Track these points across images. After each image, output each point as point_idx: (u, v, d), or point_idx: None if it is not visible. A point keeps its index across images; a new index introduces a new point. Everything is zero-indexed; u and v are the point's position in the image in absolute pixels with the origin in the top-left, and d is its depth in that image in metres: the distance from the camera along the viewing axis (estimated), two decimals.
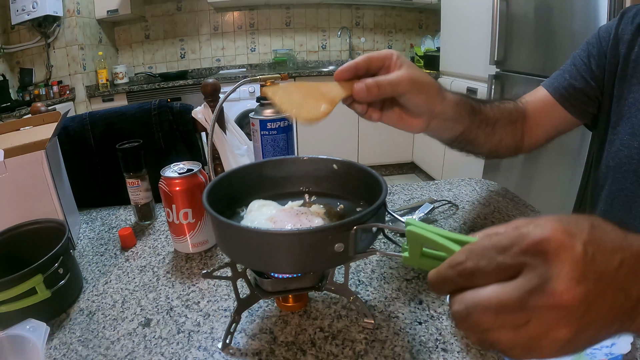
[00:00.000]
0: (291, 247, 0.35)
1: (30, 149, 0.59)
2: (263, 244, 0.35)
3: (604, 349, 0.39)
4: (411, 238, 0.29)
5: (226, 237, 0.38)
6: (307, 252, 0.35)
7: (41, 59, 2.66)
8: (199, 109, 0.97)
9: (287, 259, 0.36)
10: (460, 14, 2.37)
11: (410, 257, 0.30)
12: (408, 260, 0.30)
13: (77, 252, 0.66)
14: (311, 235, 0.34)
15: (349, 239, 0.35)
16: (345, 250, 0.35)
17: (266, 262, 0.37)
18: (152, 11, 3.19)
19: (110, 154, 0.72)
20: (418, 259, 0.29)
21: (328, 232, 0.34)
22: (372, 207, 0.36)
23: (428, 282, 0.27)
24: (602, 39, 0.62)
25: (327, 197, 0.50)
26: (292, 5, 3.33)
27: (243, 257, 0.39)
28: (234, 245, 0.38)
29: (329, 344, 0.43)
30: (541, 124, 0.67)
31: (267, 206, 0.45)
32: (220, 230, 0.38)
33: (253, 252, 0.37)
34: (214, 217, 0.37)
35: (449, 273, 0.26)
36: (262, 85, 0.66)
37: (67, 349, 0.44)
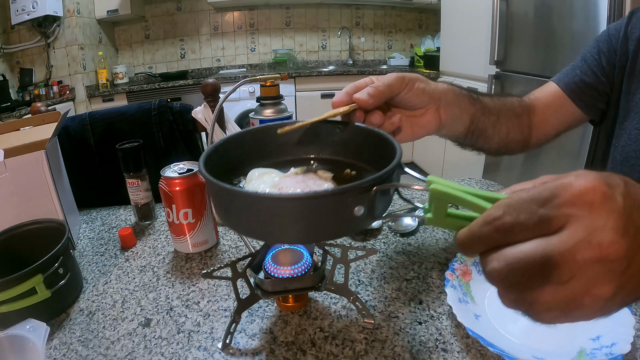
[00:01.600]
0: (307, 212, 0.31)
1: (30, 149, 0.59)
2: (275, 212, 0.32)
3: (604, 349, 0.39)
4: (435, 197, 0.27)
5: (231, 208, 0.34)
6: (325, 217, 0.32)
7: (41, 59, 2.66)
8: (199, 109, 0.97)
9: (303, 226, 0.32)
10: (460, 14, 2.37)
11: (434, 217, 0.27)
12: (432, 221, 0.28)
13: (77, 252, 0.66)
14: (329, 197, 0.31)
15: (370, 200, 0.32)
16: (365, 214, 0.32)
17: (279, 232, 0.33)
18: (152, 11, 3.19)
19: (110, 154, 0.72)
20: (443, 219, 0.27)
21: (348, 194, 0.31)
22: (390, 166, 0.33)
23: (456, 242, 0.26)
24: (612, 36, 0.63)
25: (331, 163, 0.46)
26: (292, 5, 3.33)
27: (252, 228, 0.35)
28: (241, 216, 0.34)
29: (329, 344, 0.43)
30: (550, 119, 0.67)
31: (268, 174, 0.42)
32: (223, 200, 0.34)
33: (264, 222, 0.33)
34: (216, 186, 0.33)
35: (483, 230, 0.24)
36: (262, 85, 0.66)
37: (67, 349, 0.44)
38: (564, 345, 0.41)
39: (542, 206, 0.22)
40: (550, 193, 0.22)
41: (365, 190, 0.31)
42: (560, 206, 0.22)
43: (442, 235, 0.64)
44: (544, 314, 0.23)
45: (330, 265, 0.45)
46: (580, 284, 0.22)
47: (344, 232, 0.36)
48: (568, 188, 0.22)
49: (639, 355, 0.39)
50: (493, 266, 0.23)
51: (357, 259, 0.46)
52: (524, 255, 0.22)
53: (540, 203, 0.23)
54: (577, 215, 0.22)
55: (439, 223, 0.28)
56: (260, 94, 0.68)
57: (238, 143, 0.46)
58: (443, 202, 0.27)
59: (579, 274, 0.22)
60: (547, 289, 0.22)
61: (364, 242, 0.63)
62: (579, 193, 0.22)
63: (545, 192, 0.23)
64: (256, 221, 0.33)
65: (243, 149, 0.45)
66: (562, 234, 0.22)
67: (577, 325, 0.43)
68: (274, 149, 0.47)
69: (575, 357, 0.39)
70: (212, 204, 0.37)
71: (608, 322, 0.42)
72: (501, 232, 0.23)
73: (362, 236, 0.65)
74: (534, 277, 0.22)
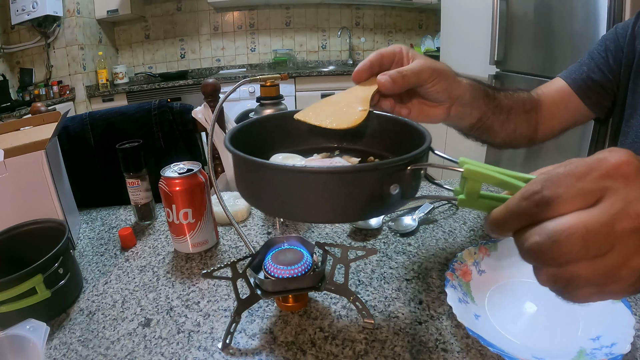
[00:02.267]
0: (345, 187, 0.30)
1: (30, 149, 0.59)
2: (312, 186, 0.30)
3: (604, 349, 0.39)
4: (470, 177, 0.27)
5: (261, 183, 0.33)
6: (362, 194, 0.31)
7: (41, 59, 2.66)
8: (199, 109, 0.97)
9: (339, 203, 0.31)
10: (460, 14, 2.37)
11: (467, 198, 0.28)
12: (464, 203, 0.28)
13: (77, 252, 0.66)
14: (368, 173, 0.30)
15: (405, 179, 0.31)
16: (399, 194, 0.31)
17: (313, 209, 0.32)
18: (152, 11, 3.19)
19: (110, 154, 0.72)
20: (475, 201, 0.28)
21: (385, 171, 0.30)
22: (424, 146, 0.33)
23: (491, 221, 0.26)
24: (619, 35, 0.64)
25: (352, 151, 0.45)
26: (292, 5, 3.33)
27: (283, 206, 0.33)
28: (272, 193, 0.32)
29: (329, 344, 0.43)
30: (556, 115, 0.67)
31: (292, 158, 0.41)
32: (252, 175, 0.33)
33: (298, 198, 0.31)
34: (246, 160, 0.32)
35: (522, 205, 0.24)
36: (262, 85, 0.66)
37: (67, 349, 0.44)
38: (564, 345, 0.41)
39: (579, 180, 0.23)
40: (587, 167, 0.23)
41: (401, 168, 0.31)
42: (597, 179, 0.23)
43: (442, 235, 0.64)
44: (580, 289, 0.24)
45: (330, 265, 0.45)
46: (618, 255, 0.22)
47: (378, 211, 0.34)
48: (604, 162, 0.23)
49: (639, 355, 0.39)
50: (535, 240, 0.23)
51: (357, 259, 0.46)
52: (566, 227, 0.23)
53: (578, 177, 0.23)
54: (614, 187, 0.22)
55: (471, 204, 0.28)
56: (260, 94, 0.68)
57: (261, 127, 0.45)
58: (476, 183, 0.27)
59: (618, 245, 0.22)
60: (586, 262, 0.23)
61: (364, 242, 0.63)
62: (614, 166, 0.23)
63: (582, 167, 0.23)
64: (289, 198, 0.32)
65: (265, 134, 0.45)
66: (601, 205, 0.23)
67: (577, 325, 0.43)
68: (296, 136, 0.46)
69: (575, 357, 0.39)
70: (238, 181, 0.36)
71: (608, 322, 0.42)
72: (541, 206, 0.23)
73: (362, 236, 0.65)
74: (575, 250, 0.22)
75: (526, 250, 0.24)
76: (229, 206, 0.71)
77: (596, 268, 0.23)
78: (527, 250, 0.24)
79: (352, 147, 0.46)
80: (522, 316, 0.47)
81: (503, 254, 0.54)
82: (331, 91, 2.88)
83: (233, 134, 0.39)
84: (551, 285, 0.25)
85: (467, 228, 0.66)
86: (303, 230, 0.68)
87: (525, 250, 0.24)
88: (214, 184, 0.58)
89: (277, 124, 0.46)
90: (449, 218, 0.70)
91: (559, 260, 0.23)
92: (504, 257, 0.53)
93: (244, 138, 0.40)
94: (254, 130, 0.44)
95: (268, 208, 0.37)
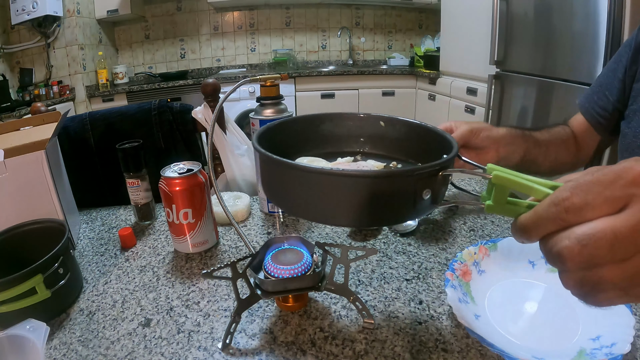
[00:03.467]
0: (379, 192, 0.30)
1: (30, 149, 0.59)
2: (345, 190, 0.30)
3: (604, 349, 0.39)
4: (498, 184, 0.28)
5: (290, 185, 0.33)
6: (395, 198, 0.31)
7: (41, 59, 2.66)
8: (199, 109, 0.97)
9: (370, 207, 0.31)
10: (460, 14, 2.37)
11: (495, 204, 0.28)
12: (492, 209, 0.29)
13: (77, 252, 0.66)
14: (404, 177, 0.30)
15: (436, 185, 0.31)
16: (430, 199, 0.31)
17: (344, 213, 0.32)
18: (152, 11, 3.19)
19: (110, 154, 0.72)
20: (503, 206, 0.28)
21: (420, 175, 0.30)
22: (453, 153, 0.33)
23: (519, 226, 0.27)
24: (623, 49, 0.66)
25: (374, 157, 0.46)
26: (292, 5, 3.33)
27: (312, 208, 0.33)
28: (301, 195, 0.32)
29: (329, 344, 0.43)
30: (587, 142, 0.75)
31: (316, 161, 0.42)
32: (281, 177, 0.33)
33: (329, 202, 0.31)
34: (276, 162, 0.32)
35: (551, 211, 0.25)
36: (262, 85, 0.66)
37: (67, 349, 0.44)
38: (564, 345, 0.41)
39: (607, 187, 0.24)
40: (614, 175, 0.24)
41: (434, 173, 0.31)
42: (623, 187, 0.24)
43: (442, 235, 0.64)
44: (606, 293, 0.25)
45: (330, 265, 0.45)
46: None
47: (409, 216, 0.35)
48: (630, 171, 0.24)
49: (639, 355, 0.39)
50: (564, 244, 0.25)
51: (357, 259, 0.46)
52: (595, 231, 0.24)
53: (605, 185, 0.24)
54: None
55: (498, 210, 0.29)
56: (260, 94, 0.68)
57: (287, 129, 0.45)
58: (504, 189, 0.28)
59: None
60: (613, 266, 0.24)
61: (364, 242, 0.63)
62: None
63: (609, 175, 0.25)
64: (322, 201, 0.32)
65: (290, 136, 0.45)
66: (627, 211, 0.24)
67: (577, 325, 0.43)
68: (318, 140, 0.47)
69: (575, 357, 0.39)
70: (264, 183, 0.36)
71: (608, 322, 0.42)
72: (570, 213, 0.25)
73: (362, 236, 0.65)
74: (603, 253, 0.24)
75: (555, 254, 0.25)
76: (229, 206, 0.71)
77: (623, 271, 0.24)
78: (556, 254, 0.25)
79: (374, 152, 0.47)
80: (522, 316, 0.47)
81: (503, 254, 0.54)
82: (331, 91, 2.88)
83: (260, 134, 0.39)
84: (578, 289, 0.26)
85: (467, 228, 0.66)
86: (303, 230, 0.68)
87: (554, 254, 0.25)
88: (214, 184, 0.58)
89: (301, 127, 0.47)
90: (449, 218, 0.70)
91: (587, 263, 0.24)
92: (504, 257, 0.53)
93: (270, 138, 0.41)
94: (279, 132, 0.44)
95: (298, 210, 0.36)
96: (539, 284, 0.50)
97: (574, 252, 0.24)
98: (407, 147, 0.44)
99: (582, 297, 0.26)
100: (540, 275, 0.51)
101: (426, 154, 0.36)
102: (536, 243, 0.27)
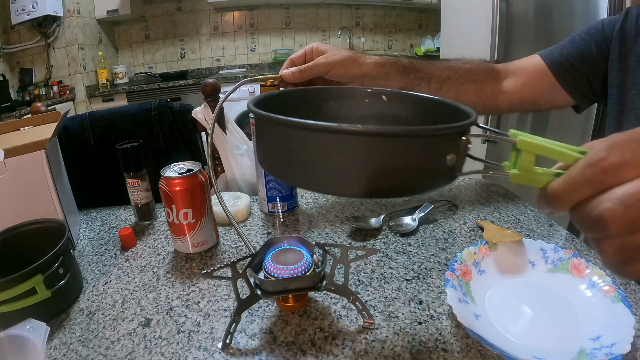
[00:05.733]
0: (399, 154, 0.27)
1: (30, 149, 0.59)
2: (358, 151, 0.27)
3: (604, 349, 0.39)
4: (524, 149, 0.26)
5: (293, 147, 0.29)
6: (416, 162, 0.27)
7: (41, 59, 2.66)
8: (199, 109, 0.97)
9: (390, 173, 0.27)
10: (460, 14, 2.37)
11: (521, 172, 0.26)
12: (518, 177, 0.27)
13: (77, 252, 0.66)
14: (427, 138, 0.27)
15: (460, 150, 0.28)
16: (454, 165, 0.28)
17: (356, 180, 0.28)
18: (152, 11, 3.19)
19: (110, 154, 0.72)
20: (529, 174, 0.26)
21: (443, 137, 0.27)
22: (473, 117, 0.30)
23: (550, 195, 0.26)
24: (606, 27, 0.65)
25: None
26: (292, 5, 3.33)
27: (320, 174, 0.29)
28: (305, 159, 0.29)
29: (329, 344, 0.43)
30: (528, 86, 0.70)
31: None
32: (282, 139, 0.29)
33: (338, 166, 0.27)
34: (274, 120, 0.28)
35: (587, 173, 0.23)
36: (262, 85, 0.66)
37: (67, 349, 0.44)
38: (564, 345, 0.41)
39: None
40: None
41: (457, 137, 0.28)
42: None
43: (442, 235, 0.64)
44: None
45: (330, 265, 0.45)
46: None
47: (431, 185, 0.30)
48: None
49: (639, 355, 0.39)
50: (605, 206, 0.23)
51: (357, 259, 0.46)
52: (637, 191, 0.22)
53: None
54: None
55: (524, 178, 0.27)
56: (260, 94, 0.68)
57: (284, 100, 0.42)
58: (530, 155, 0.26)
59: None
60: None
61: (364, 242, 0.63)
62: None
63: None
64: (329, 165, 0.28)
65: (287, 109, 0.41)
66: None
67: (577, 325, 0.43)
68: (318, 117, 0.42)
69: (575, 357, 0.39)
70: (261, 151, 0.33)
71: (608, 322, 0.42)
72: (608, 173, 0.23)
73: (362, 236, 0.65)
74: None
75: (595, 218, 0.23)
76: (229, 206, 0.71)
77: None
78: (597, 219, 0.23)
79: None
80: (522, 316, 0.47)
81: (503, 254, 0.54)
82: None
83: (258, 100, 0.36)
84: (617, 256, 0.24)
85: (467, 228, 0.66)
86: (303, 230, 0.68)
87: (593, 219, 0.24)
88: (214, 184, 0.58)
89: (300, 99, 0.43)
90: (449, 218, 0.70)
91: (631, 227, 0.22)
92: (504, 257, 0.54)
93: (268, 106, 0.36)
94: (278, 102, 0.40)
95: (300, 179, 0.31)
96: (539, 284, 0.50)
97: (617, 214, 0.22)
98: (415, 122, 0.40)
99: (619, 266, 0.24)
100: (540, 275, 0.51)
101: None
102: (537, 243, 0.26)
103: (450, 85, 0.66)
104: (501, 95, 0.70)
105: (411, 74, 0.64)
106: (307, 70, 0.60)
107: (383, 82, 0.63)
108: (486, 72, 0.70)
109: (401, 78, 0.64)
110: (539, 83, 0.69)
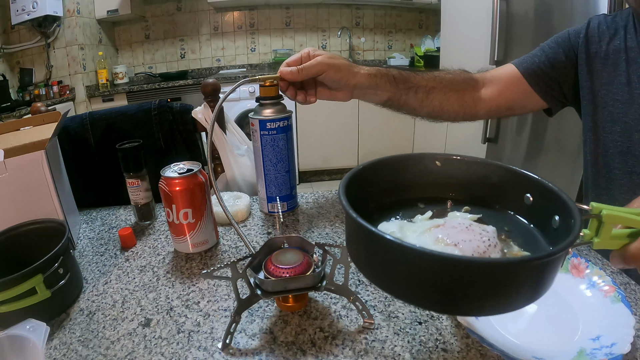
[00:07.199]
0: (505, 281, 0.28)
1: (30, 149, 0.59)
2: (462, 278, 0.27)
3: (604, 349, 0.39)
4: (607, 222, 0.30)
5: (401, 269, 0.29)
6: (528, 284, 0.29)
7: (41, 59, 2.66)
8: (199, 109, 0.97)
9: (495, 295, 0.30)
10: (460, 14, 2.37)
11: (602, 241, 0.30)
12: (599, 245, 0.30)
13: (77, 252, 0.66)
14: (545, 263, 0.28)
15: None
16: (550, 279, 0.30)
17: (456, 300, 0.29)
18: (152, 11, 3.18)
19: (110, 154, 0.72)
20: (609, 241, 0.30)
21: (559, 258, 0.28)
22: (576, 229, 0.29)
23: (631, 255, 0.30)
24: (571, 36, 0.71)
25: (461, 202, 0.41)
26: (292, 5, 3.33)
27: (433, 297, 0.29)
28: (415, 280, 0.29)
29: (329, 344, 0.43)
30: (504, 94, 0.74)
31: (405, 226, 0.37)
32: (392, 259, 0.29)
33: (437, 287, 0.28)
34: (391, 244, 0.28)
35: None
36: (261, 85, 0.66)
37: (67, 349, 0.44)
38: (564, 345, 0.41)
39: None
40: None
41: (566, 253, 0.28)
42: None
43: None
44: None
45: (330, 265, 0.45)
46: None
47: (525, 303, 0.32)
48: None
49: (639, 355, 0.39)
50: None
51: None
52: None
53: None
54: None
55: (605, 245, 0.31)
56: (260, 94, 0.68)
57: (371, 174, 0.41)
58: (609, 225, 0.30)
59: None
60: None
61: None
62: None
63: None
64: (442, 289, 0.29)
65: (372, 182, 0.41)
66: None
67: (577, 325, 0.43)
68: (401, 185, 0.43)
69: (575, 357, 0.39)
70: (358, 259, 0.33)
71: (608, 322, 0.42)
72: None
73: None
74: None
75: None
76: (229, 206, 0.71)
77: None
78: None
79: (459, 198, 0.42)
80: (522, 316, 0.47)
81: None
82: None
83: (347, 184, 0.35)
84: None
85: None
86: (303, 230, 0.68)
87: None
88: (214, 184, 0.58)
89: (389, 171, 0.42)
90: None
91: None
92: None
93: (355, 189, 0.36)
94: (363, 179, 0.40)
95: (413, 297, 0.31)
96: None
97: None
98: (501, 193, 0.40)
99: None
100: None
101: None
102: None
103: (436, 95, 0.70)
104: (480, 103, 0.74)
105: (400, 84, 0.67)
106: (305, 69, 0.62)
107: (373, 91, 0.66)
108: (466, 82, 0.73)
109: (391, 88, 0.67)
110: (515, 90, 0.73)
